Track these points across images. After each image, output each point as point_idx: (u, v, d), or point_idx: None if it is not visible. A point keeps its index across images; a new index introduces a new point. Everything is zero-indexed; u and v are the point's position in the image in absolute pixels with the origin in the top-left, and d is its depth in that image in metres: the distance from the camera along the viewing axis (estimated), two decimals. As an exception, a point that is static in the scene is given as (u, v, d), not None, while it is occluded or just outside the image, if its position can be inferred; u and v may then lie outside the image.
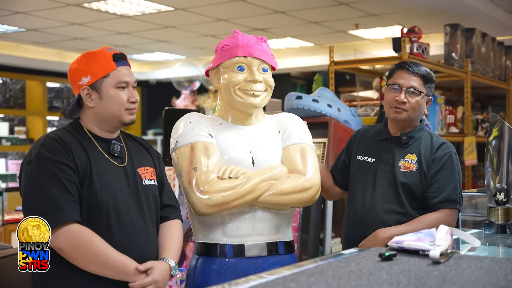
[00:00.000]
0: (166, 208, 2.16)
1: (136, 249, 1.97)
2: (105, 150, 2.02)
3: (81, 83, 2.00)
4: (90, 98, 2.01)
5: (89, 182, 1.93)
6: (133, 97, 2.03)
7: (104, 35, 7.60)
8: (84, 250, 1.87)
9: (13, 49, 8.45)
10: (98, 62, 2.00)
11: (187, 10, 6.32)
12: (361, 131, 2.66)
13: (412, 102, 2.42)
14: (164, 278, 1.99)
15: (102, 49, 2.04)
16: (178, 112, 4.07)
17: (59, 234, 1.85)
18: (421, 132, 2.49)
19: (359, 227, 2.45)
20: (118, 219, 1.95)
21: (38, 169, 1.89)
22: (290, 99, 3.48)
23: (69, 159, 1.91)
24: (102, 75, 1.99)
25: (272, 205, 2.12)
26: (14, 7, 6.10)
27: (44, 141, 1.95)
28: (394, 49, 3.73)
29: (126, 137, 2.16)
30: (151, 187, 2.09)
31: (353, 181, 2.54)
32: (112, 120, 2.03)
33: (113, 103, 2.00)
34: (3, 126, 9.09)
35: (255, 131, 2.22)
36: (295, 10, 6.31)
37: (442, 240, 1.75)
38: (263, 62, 2.19)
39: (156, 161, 2.18)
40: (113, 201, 1.95)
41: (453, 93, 5.36)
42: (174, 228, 2.14)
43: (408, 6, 5.74)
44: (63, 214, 1.85)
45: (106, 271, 1.90)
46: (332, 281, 1.43)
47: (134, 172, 2.06)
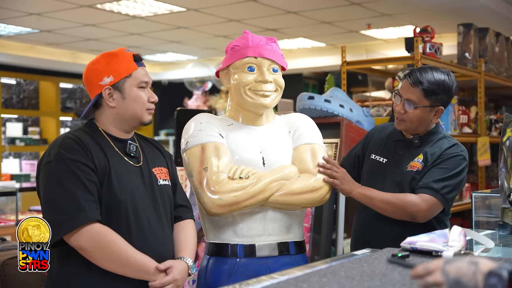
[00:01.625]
0: (179, 208, 2.16)
1: (153, 248, 1.98)
2: (121, 150, 2.03)
3: (102, 83, 2.00)
4: (111, 98, 2.01)
5: (108, 182, 1.93)
6: (152, 97, 2.06)
7: (117, 36, 7.64)
8: (106, 250, 1.87)
9: (27, 50, 8.52)
10: (120, 63, 2.01)
11: (199, 11, 6.34)
12: (379, 128, 2.62)
13: (410, 114, 2.35)
14: (183, 277, 2.00)
15: (121, 49, 2.05)
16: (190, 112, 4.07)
17: (81, 234, 1.85)
18: (435, 135, 2.43)
19: (365, 225, 2.46)
20: (136, 218, 1.96)
21: (58, 169, 1.89)
22: (302, 99, 3.47)
23: (88, 159, 1.91)
24: (124, 75, 2.00)
25: (282, 205, 2.11)
26: (28, 8, 6.15)
27: (62, 141, 1.95)
28: (407, 49, 3.71)
29: (139, 137, 2.17)
30: (165, 187, 2.10)
31: (364, 179, 2.53)
32: (133, 119, 2.04)
33: (136, 102, 2.01)
34: (17, 127, 9.17)
35: (265, 132, 2.22)
36: (307, 10, 6.30)
37: (456, 241, 1.73)
38: (273, 63, 2.18)
39: (168, 161, 2.19)
40: (131, 201, 1.96)
41: (466, 93, 5.32)
42: (188, 228, 2.14)
43: (421, 6, 5.71)
44: (84, 214, 1.85)
45: (126, 270, 1.91)
46: (344, 282, 1.42)
47: (149, 172, 2.06)
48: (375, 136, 2.58)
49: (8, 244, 2.59)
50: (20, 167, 8.90)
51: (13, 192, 5.14)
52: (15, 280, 2.24)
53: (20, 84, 9.36)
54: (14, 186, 5.39)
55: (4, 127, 8.98)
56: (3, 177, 7.29)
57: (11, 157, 8.96)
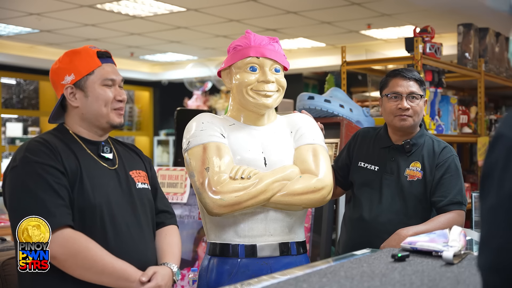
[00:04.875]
0: (161, 214, 2.09)
1: (133, 255, 1.88)
2: (94, 153, 1.93)
3: (64, 82, 1.91)
4: (74, 97, 1.91)
5: (80, 185, 1.82)
6: (120, 95, 1.94)
7: (117, 36, 7.64)
8: (79, 256, 1.75)
9: (27, 50, 8.52)
10: (82, 60, 1.91)
11: (199, 11, 6.34)
12: (361, 132, 2.65)
13: (415, 107, 2.44)
14: (168, 283, 1.89)
15: (86, 47, 1.96)
16: (190, 112, 4.08)
17: (52, 240, 1.74)
18: (423, 138, 2.51)
19: (364, 234, 2.46)
20: (113, 223, 1.86)
21: (25, 174, 1.78)
22: (302, 99, 3.47)
23: (57, 161, 1.81)
24: (86, 73, 1.90)
25: (284, 206, 2.11)
26: (28, 8, 6.15)
27: (28, 145, 1.85)
28: (407, 49, 3.71)
29: (115, 141, 2.08)
30: (145, 190, 2.01)
31: (357, 188, 2.54)
32: (99, 119, 1.93)
33: (99, 100, 1.90)
34: (17, 127, 9.17)
35: (267, 132, 2.22)
36: (307, 10, 6.31)
37: (456, 241, 1.74)
38: (275, 63, 2.19)
39: (147, 165, 2.11)
40: (106, 205, 1.86)
41: (467, 93, 5.33)
42: (172, 234, 2.07)
43: (421, 6, 5.72)
44: (54, 219, 1.74)
45: (104, 278, 1.78)
46: (344, 282, 1.43)
47: (126, 175, 1.97)
48: (358, 142, 2.61)
49: (8, 244, 2.59)
50: (20, 167, 8.89)
51: (13, 192, 5.13)
52: (15, 280, 2.24)
53: (20, 84, 9.36)
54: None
55: (4, 127, 8.98)
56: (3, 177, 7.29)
57: (11, 157, 8.96)
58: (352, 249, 2.38)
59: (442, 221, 2.34)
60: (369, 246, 2.25)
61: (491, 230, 0.98)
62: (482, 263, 1.00)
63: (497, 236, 0.96)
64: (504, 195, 0.95)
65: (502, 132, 1.00)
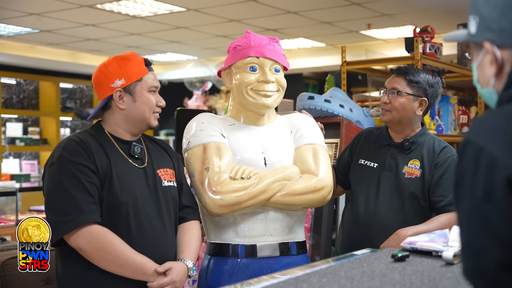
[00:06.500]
0: (185, 209, 2.17)
1: (154, 249, 2.00)
2: (125, 152, 2.06)
3: (113, 86, 2.04)
4: (122, 100, 2.05)
5: (109, 184, 1.96)
6: (160, 101, 2.12)
7: (117, 36, 7.64)
8: (104, 251, 1.90)
9: (27, 50, 8.51)
10: (132, 66, 2.05)
11: (199, 11, 6.34)
12: (365, 132, 2.67)
13: (394, 102, 2.45)
14: (182, 279, 2.01)
15: (133, 53, 2.09)
16: (190, 112, 4.08)
17: (80, 235, 1.88)
18: (423, 137, 2.50)
19: (362, 231, 2.46)
20: (137, 220, 1.98)
21: (60, 171, 1.93)
22: (302, 99, 3.47)
23: (90, 161, 1.95)
24: (136, 79, 2.05)
25: (284, 206, 2.11)
26: (28, 8, 6.15)
27: (66, 144, 1.99)
28: (407, 49, 3.71)
29: (146, 139, 2.19)
30: (170, 188, 2.11)
31: (355, 185, 2.55)
32: (141, 122, 2.08)
33: (146, 105, 2.07)
34: (17, 127, 9.17)
35: (267, 132, 2.22)
36: (307, 10, 6.30)
37: (456, 241, 1.74)
38: (275, 63, 2.19)
39: (175, 162, 2.20)
40: (132, 202, 1.98)
41: (466, 93, 5.32)
42: (192, 229, 2.15)
43: (421, 6, 5.71)
44: (83, 215, 1.88)
45: (124, 271, 1.93)
46: (344, 282, 1.43)
47: (153, 173, 2.09)
48: (361, 140, 2.62)
49: (8, 244, 2.59)
50: (20, 167, 8.89)
51: (13, 192, 5.14)
52: (15, 280, 2.24)
53: (20, 84, 9.36)
54: (14, 186, 5.39)
55: (4, 127, 8.97)
56: (3, 177, 7.28)
57: (11, 157, 8.95)
58: (350, 246, 2.39)
59: (442, 221, 2.33)
60: (367, 243, 2.26)
61: (469, 236, 0.99)
62: (466, 270, 1.01)
63: (475, 241, 0.97)
64: (476, 200, 0.97)
65: (469, 139, 1.01)
